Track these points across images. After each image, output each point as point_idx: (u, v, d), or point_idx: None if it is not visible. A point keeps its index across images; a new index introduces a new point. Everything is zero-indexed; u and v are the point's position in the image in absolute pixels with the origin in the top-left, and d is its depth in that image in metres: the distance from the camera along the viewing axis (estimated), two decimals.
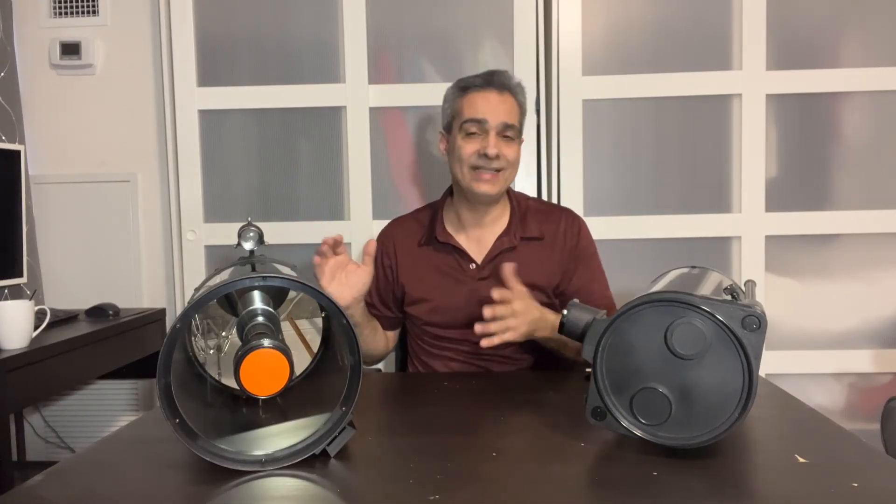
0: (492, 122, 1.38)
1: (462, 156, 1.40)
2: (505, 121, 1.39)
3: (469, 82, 1.44)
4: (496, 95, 1.41)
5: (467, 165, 1.40)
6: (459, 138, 1.41)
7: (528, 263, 1.42)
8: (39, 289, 2.24)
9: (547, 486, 0.77)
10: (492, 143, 1.37)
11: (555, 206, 1.58)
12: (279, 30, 2.23)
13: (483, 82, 1.42)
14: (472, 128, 1.39)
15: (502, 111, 1.40)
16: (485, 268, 1.44)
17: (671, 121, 2.19)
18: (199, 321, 0.98)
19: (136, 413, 2.39)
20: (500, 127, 1.39)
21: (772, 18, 2.12)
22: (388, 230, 1.57)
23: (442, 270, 1.47)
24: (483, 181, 1.39)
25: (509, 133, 1.40)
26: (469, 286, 1.44)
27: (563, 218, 1.50)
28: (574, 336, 0.91)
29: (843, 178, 2.17)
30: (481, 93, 1.41)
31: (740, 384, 0.82)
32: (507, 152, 1.39)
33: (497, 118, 1.39)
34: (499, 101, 1.40)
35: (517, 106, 1.44)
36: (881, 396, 2.07)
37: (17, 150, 1.97)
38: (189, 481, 0.81)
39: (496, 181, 1.40)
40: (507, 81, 1.43)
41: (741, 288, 1.00)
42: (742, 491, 0.76)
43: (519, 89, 1.45)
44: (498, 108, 1.40)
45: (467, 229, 1.47)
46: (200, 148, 2.26)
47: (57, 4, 2.31)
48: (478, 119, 1.39)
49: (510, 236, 1.45)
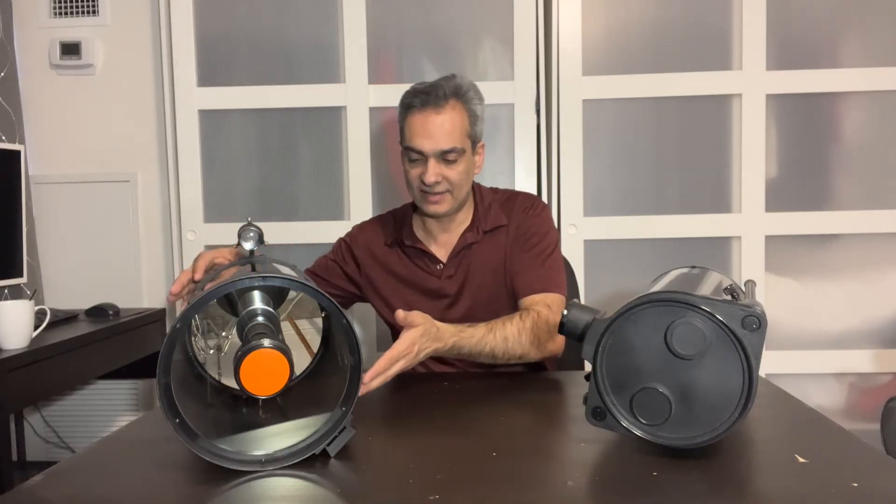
0: (428, 152, 1.35)
1: (409, 180, 1.41)
2: (442, 148, 1.34)
3: (410, 101, 1.38)
4: (434, 117, 1.35)
5: (415, 189, 1.40)
6: (406, 162, 1.41)
7: (489, 254, 1.44)
8: (39, 289, 2.24)
9: (547, 486, 0.77)
10: (430, 172, 1.35)
11: (517, 192, 1.54)
12: (279, 30, 2.23)
13: (422, 101, 1.36)
14: (413, 155, 1.37)
15: (440, 136, 1.35)
16: (449, 266, 1.45)
17: (671, 121, 2.19)
18: (199, 321, 0.98)
19: (136, 413, 2.39)
20: (438, 154, 1.35)
21: (772, 18, 2.12)
22: (355, 234, 1.56)
23: (410, 272, 1.47)
24: (431, 203, 1.39)
25: (450, 157, 1.36)
26: (437, 285, 1.45)
27: (518, 201, 1.49)
28: (574, 336, 0.91)
29: (843, 178, 2.17)
30: (419, 115, 1.36)
31: (740, 384, 0.82)
32: (450, 174, 1.37)
33: (434, 146, 1.34)
34: (437, 125, 1.34)
35: (465, 115, 1.38)
36: (881, 396, 2.07)
37: (17, 150, 1.97)
38: (189, 481, 0.81)
39: (443, 201, 1.39)
40: (449, 91, 1.36)
41: (741, 288, 1.00)
42: (742, 491, 0.76)
43: (468, 95, 1.39)
44: (435, 133, 1.34)
45: (434, 235, 1.48)
46: (200, 148, 2.26)
47: (57, 4, 2.31)
48: (414, 149, 1.37)
49: (473, 231, 1.45)
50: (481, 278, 1.44)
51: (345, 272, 1.53)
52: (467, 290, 1.45)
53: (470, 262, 1.45)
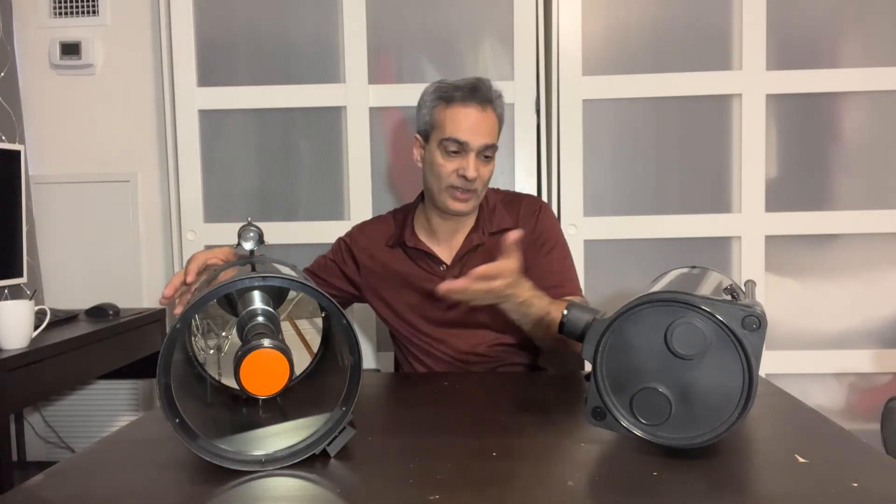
0: (473, 145, 1.34)
1: (441, 174, 1.37)
2: (486, 142, 1.35)
3: (451, 94, 1.37)
4: (478, 112, 1.35)
5: (445, 184, 1.38)
6: (438, 154, 1.37)
7: (495, 256, 1.43)
8: (39, 289, 2.25)
9: (547, 486, 0.77)
10: (472, 167, 1.34)
11: (519, 193, 1.55)
12: (279, 30, 2.23)
13: (465, 96, 1.36)
14: (453, 146, 1.35)
15: (484, 131, 1.35)
16: (454, 267, 1.44)
17: (671, 121, 2.19)
18: (199, 321, 0.98)
19: (136, 413, 2.39)
20: (481, 148, 1.35)
21: (772, 18, 2.12)
22: (355, 234, 1.55)
23: (411, 273, 1.46)
24: (458, 200, 1.37)
25: (488, 153, 1.37)
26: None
27: (523, 204, 1.49)
28: (574, 336, 0.91)
29: (843, 178, 2.17)
30: (464, 109, 1.35)
31: (740, 384, 0.82)
32: (485, 172, 1.37)
33: (479, 140, 1.34)
34: (481, 120, 1.35)
35: (497, 120, 1.39)
36: (881, 396, 2.07)
37: (17, 150, 1.97)
38: (189, 481, 0.81)
39: (470, 199, 1.38)
40: (490, 94, 1.38)
41: (741, 288, 1.00)
42: (742, 491, 0.76)
43: (499, 101, 1.40)
44: (480, 127, 1.35)
45: (438, 234, 1.47)
46: (200, 148, 2.26)
47: (57, 4, 2.31)
48: (460, 140, 1.35)
49: (478, 233, 1.44)
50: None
51: (343, 273, 1.53)
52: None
53: (475, 263, 1.44)
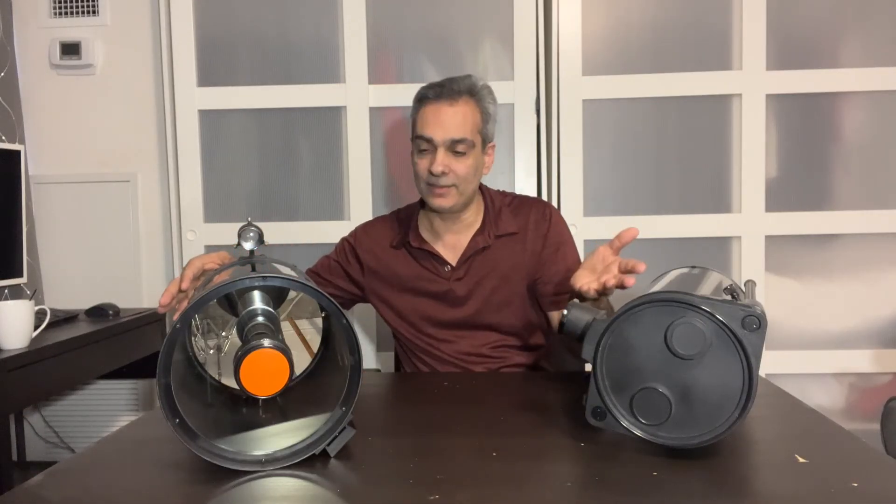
0: (438, 140, 1.34)
1: (417, 172, 1.39)
2: (453, 137, 1.34)
3: (424, 93, 1.39)
4: (447, 107, 1.35)
5: (422, 181, 1.39)
6: (414, 153, 1.40)
7: (503, 259, 1.43)
8: (39, 289, 2.25)
9: (547, 486, 0.77)
10: (438, 161, 1.34)
11: (527, 198, 1.54)
12: (279, 30, 2.23)
13: (435, 94, 1.36)
14: (423, 144, 1.36)
15: (452, 126, 1.34)
16: (459, 269, 1.44)
17: (671, 121, 2.19)
18: (199, 321, 0.98)
19: (136, 413, 2.39)
20: (448, 143, 1.34)
21: (772, 18, 2.12)
22: (359, 235, 1.55)
23: (415, 274, 1.46)
24: (436, 196, 1.38)
25: (460, 148, 1.35)
26: (444, 287, 1.44)
27: (532, 210, 1.48)
28: (574, 336, 0.91)
29: (843, 178, 2.17)
30: (432, 106, 1.36)
31: (740, 384, 0.82)
32: (457, 167, 1.35)
33: (445, 134, 1.34)
34: (450, 115, 1.35)
35: (477, 112, 1.38)
36: (881, 396, 2.07)
37: (17, 150, 1.97)
38: (189, 481, 0.81)
39: (448, 196, 1.37)
40: (463, 87, 1.37)
41: (741, 288, 1.00)
42: (742, 491, 0.76)
43: (482, 94, 1.39)
44: (447, 122, 1.34)
45: (441, 235, 1.46)
46: (200, 148, 2.26)
47: (57, 4, 2.31)
48: (425, 137, 1.35)
49: (484, 235, 1.44)
50: (493, 283, 1.43)
51: (347, 273, 1.53)
52: (477, 294, 1.44)
53: (481, 265, 1.44)
